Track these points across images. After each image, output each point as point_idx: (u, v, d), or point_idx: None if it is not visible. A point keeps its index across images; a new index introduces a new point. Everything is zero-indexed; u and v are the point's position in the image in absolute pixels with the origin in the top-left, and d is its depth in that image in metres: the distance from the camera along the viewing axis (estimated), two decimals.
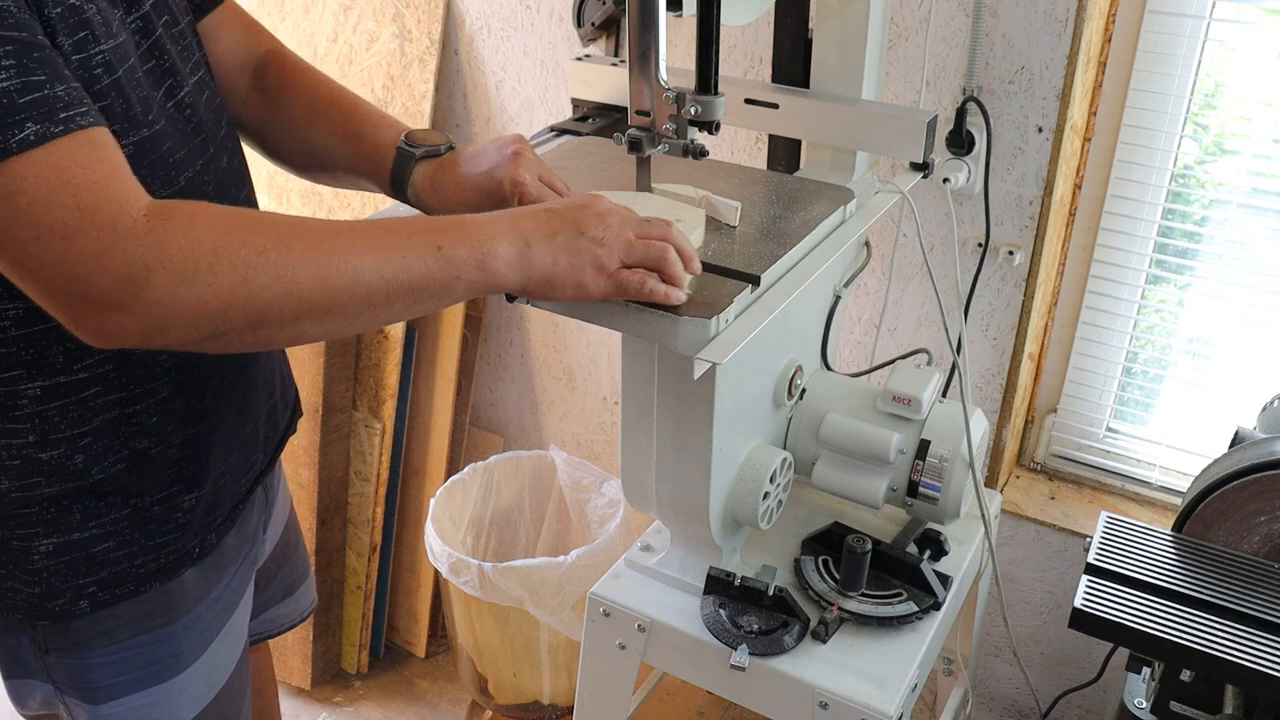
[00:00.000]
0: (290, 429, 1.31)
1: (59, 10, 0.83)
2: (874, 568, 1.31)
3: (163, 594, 1.08)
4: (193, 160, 1.00)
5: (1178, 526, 1.37)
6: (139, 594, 1.06)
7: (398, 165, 1.10)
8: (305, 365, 2.11)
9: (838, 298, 1.44)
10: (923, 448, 1.31)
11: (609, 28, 1.86)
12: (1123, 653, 1.41)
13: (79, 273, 0.78)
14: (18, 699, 1.14)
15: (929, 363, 1.39)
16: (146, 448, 1.03)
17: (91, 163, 0.79)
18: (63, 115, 0.78)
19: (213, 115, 1.06)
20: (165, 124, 0.96)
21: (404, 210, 1.14)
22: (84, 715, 1.10)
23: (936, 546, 1.38)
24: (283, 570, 1.42)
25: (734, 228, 1.14)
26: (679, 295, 0.96)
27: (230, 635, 1.20)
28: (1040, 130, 1.55)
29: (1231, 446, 1.41)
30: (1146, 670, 1.32)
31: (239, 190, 1.09)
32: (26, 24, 0.79)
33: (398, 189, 1.11)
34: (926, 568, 1.31)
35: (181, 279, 0.80)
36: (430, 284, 0.89)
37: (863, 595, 1.30)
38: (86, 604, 1.03)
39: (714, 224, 1.16)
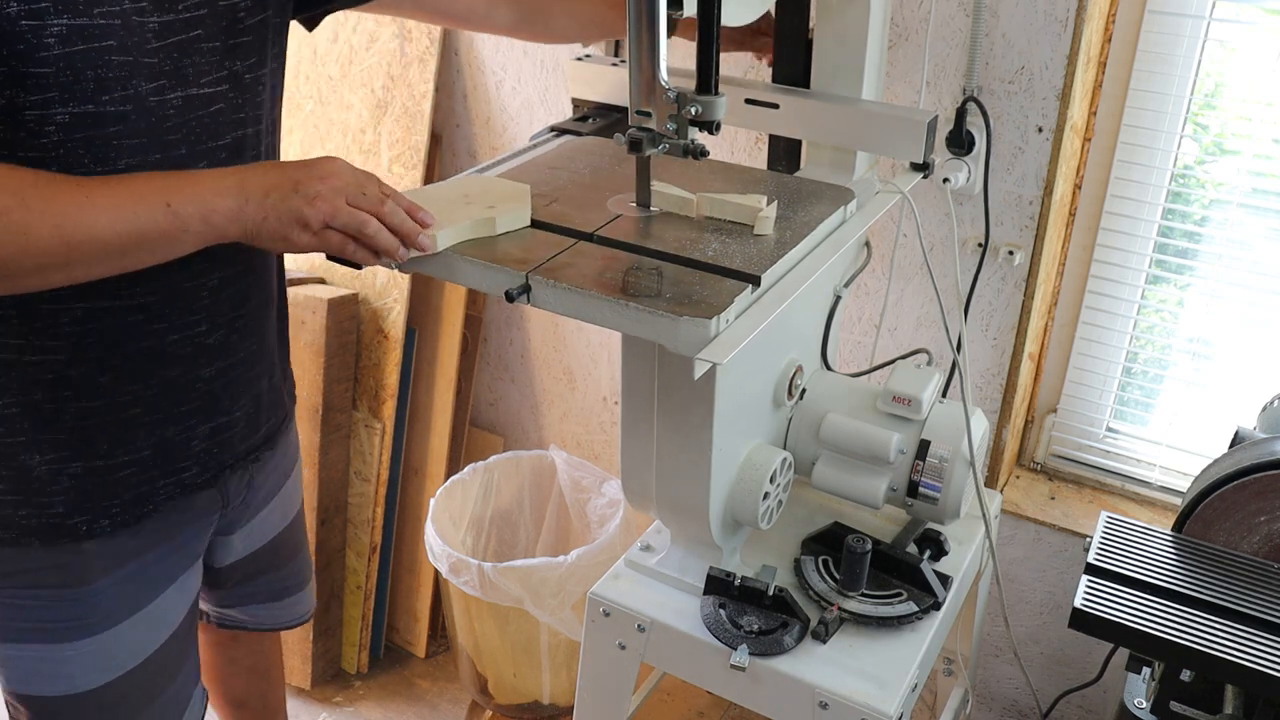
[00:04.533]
0: (254, 456, 1.31)
1: None
2: (874, 568, 1.31)
3: (49, 555, 1.12)
4: (147, 152, 1.03)
5: (1178, 526, 1.37)
6: (19, 545, 1.12)
7: None
8: (305, 365, 2.11)
9: (838, 298, 1.44)
10: (923, 448, 1.31)
11: None
12: (1123, 653, 1.41)
13: None
14: None
15: (929, 363, 1.39)
16: (39, 401, 1.07)
17: None
18: None
19: (209, 127, 1.09)
20: (130, 109, 1.00)
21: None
22: None
23: (936, 546, 1.38)
24: (266, 576, 1.43)
25: (759, 236, 1.13)
26: (369, 261, 1.05)
27: (147, 621, 1.22)
28: (1040, 130, 1.55)
29: (1231, 446, 1.41)
30: (1146, 670, 1.32)
31: None
32: None
33: None
34: (926, 568, 1.31)
35: None
36: (160, 237, 0.97)
37: (863, 595, 1.30)
38: None
39: (730, 227, 1.15)
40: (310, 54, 2.20)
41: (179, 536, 1.23)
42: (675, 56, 1.76)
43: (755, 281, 1.03)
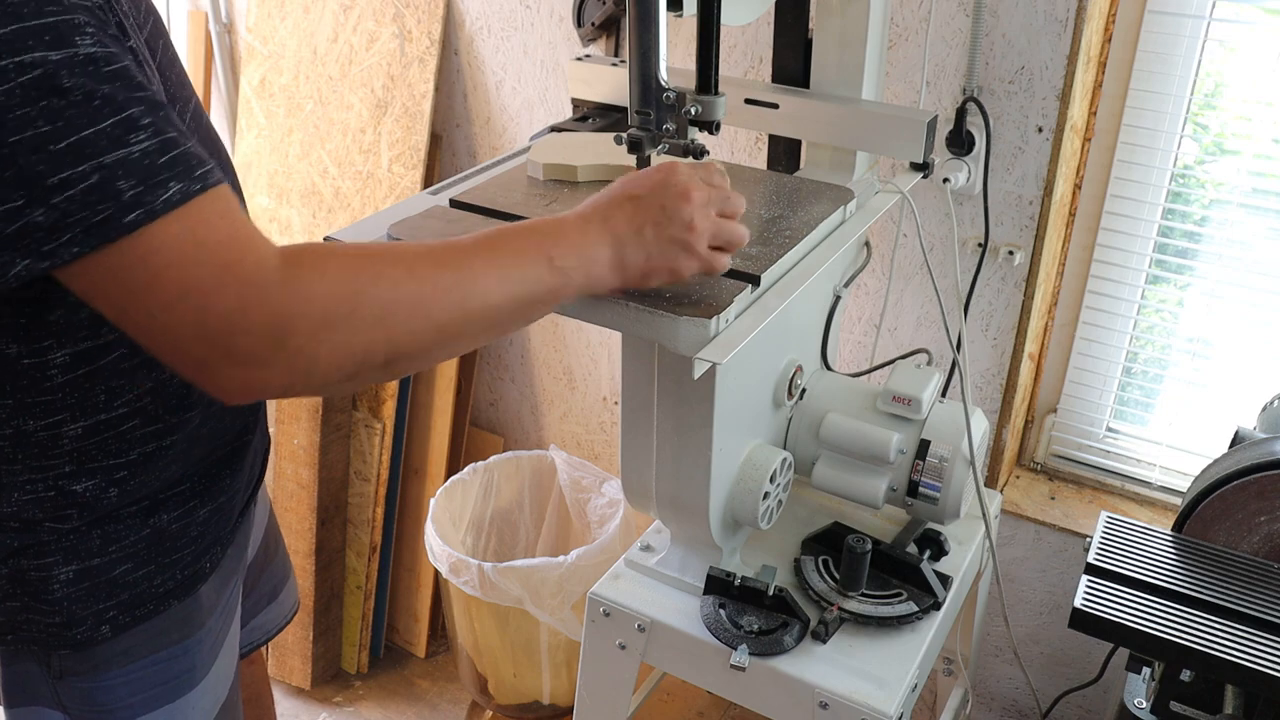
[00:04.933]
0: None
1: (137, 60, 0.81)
2: (874, 568, 1.31)
3: (180, 610, 1.07)
4: None
5: (1178, 526, 1.37)
6: (159, 612, 1.05)
7: None
8: None
9: (838, 298, 1.44)
10: (923, 448, 1.31)
11: (609, 28, 1.86)
12: (1123, 653, 1.41)
13: (222, 330, 0.76)
14: None
15: (929, 363, 1.39)
16: (176, 474, 1.03)
17: (224, 219, 0.77)
18: (198, 172, 0.77)
19: (213, 136, 1.06)
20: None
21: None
22: None
23: (936, 546, 1.38)
24: (265, 574, 1.41)
25: None
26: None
27: (229, 647, 1.19)
28: (1040, 130, 1.55)
29: (1231, 446, 1.41)
30: (1146, 670, 1.32)
31: None
32: (148, 81, 0.79)
33: None
34: (926, 568, 1.31)
35: (324, 326, 0.78)
36: (546, 294, 0.90)
37: (863, 595, 1.30)
38: (108, 629, 1.02)
39: None
40: (310, 54, 2.20)
41: (240, 557, 1.20)
42: (675, 56, 1.76)
43: (755, 281, 1.03)
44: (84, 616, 1.00)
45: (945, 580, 1.33)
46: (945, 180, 1.57)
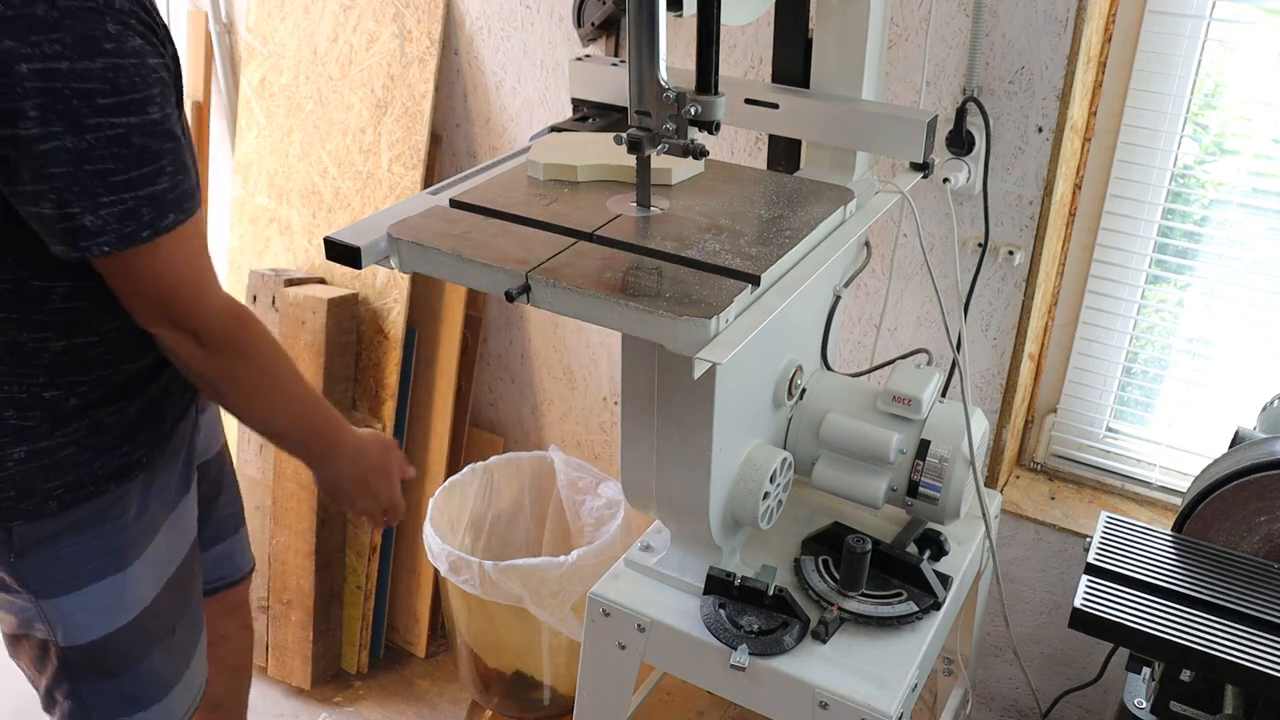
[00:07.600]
0: None
1: (177, 95, 1.10)
2: (874, 568, 1.31)
3: (119, 491, 1.25)
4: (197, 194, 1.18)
5: (1178, 526, 1.37)
6: (99, 494, 1.22)
7: None
8: (305, 365, 2.11)
9: (838, 298, 1.44)
10: (923, 448, 1.31)
11: (609, 28, 1.86)
12: (1123, 653, 1.41)
13: (176, 319, 1.15)
14: None
15: (929, 363, 1.39)
16: (123, 380, 1.23)
17: (192, 257, 1.12)
18: (188, 205, 1.09)
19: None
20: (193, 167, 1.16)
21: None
22: (54, 610, 1.24)
23: (936, 546, 1.38)
24: (227, 494, 1.57)
25: None
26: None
27: (175, 529, 1.35)
28: (1040, 130, 1.55)
29: (1231, 446, 1.41)
30: (1146, 670, 1.32)
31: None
32: (175, 118, 1.08)
33: None
34: (926, 568, 1.32)
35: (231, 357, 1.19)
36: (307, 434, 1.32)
37: (863, 595, 1.30)
38: (55, 504, 1.20)
39: (713, 227, 1.16)
40: (310, 54, 2.20)
41: (180, 440, 1.35)
42: (675, 56, 1.76)
43: (755, 281, 1.03)
44: (34, 492, 1.19)
45: (945, 580, 1.33)
46: (945, 180, 1.57)
